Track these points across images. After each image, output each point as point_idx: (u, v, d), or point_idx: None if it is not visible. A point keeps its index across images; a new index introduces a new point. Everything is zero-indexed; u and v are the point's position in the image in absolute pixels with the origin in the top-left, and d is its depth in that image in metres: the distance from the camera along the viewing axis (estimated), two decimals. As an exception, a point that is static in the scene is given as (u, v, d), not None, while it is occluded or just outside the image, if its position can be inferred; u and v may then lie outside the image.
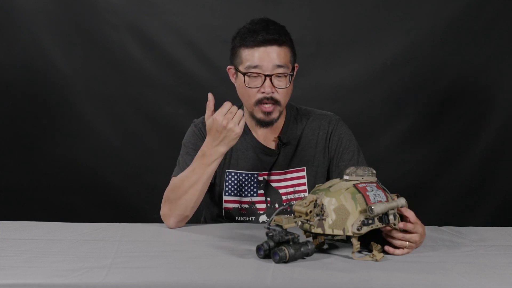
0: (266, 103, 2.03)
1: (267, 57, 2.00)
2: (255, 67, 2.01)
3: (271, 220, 1.63)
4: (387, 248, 1.67)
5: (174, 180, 2.02)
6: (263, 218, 2.14)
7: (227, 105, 1.92)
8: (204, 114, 2.20)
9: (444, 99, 3.11)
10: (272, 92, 2.02)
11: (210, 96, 1.94)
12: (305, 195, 2.11)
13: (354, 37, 3.09)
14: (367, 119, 3.12)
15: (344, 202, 1.62)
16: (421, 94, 3.12)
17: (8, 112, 3.19)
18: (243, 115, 1.92)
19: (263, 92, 2.01)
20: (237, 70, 2.06)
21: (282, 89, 2.02)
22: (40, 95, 3.17)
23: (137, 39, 3.12)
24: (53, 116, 3.19)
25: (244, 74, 2.02)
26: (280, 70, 2.01)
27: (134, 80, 3.16)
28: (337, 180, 1.72)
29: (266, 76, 2.01)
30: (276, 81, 2.02)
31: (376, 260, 1.62)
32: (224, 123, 1.89)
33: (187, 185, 1.96)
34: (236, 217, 2.15)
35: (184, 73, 3.14)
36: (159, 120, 3.18)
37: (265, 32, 2.01)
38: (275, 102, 2.03)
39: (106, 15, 3.11)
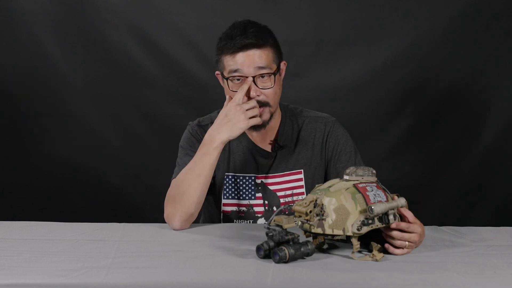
0: None
1: (247, 61, 1.98)
2: (236, 71, 1.99)
3: (271, 220, 1.63)
4: (387, 248, 1.67)
5: (176, 178, 2.01)
6: (261, 221, 2.14)
7: (251, 102, 1.96)
8: (202, 115, 2.21)
9: (444, 99, 3.11)
10: (258, 95, 1.99)
11: (245, 85, 1.97)
12: (303, 198, 2.11)
13: (354, 37, 3.09)
14: (367, 119, 3.12)
15: (344, 202, 1.62)
16: (421, 94, 3.12)
17: (8, 112, 3.19)
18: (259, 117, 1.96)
19: (248, 97, 1.99)
20: (222, 76, 2.06)
21: (268, 90, 2.00)
22: (40, 95, 3.17)
23: (137, 39, 3.12)
24: (53, 116, 3.19)
25: (227, 79, 2.02)
26: (262, 71, 1.99)
27: (134, 80, 3.16)
28: (337, 180, 1.71)
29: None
30: (260, 83, 2.00)
31: (376, 260, 1.62)
32: (237, 108, 1.93)
33: (190, 178, 1.95)
34: (235, 220, 2.15)
35: (184, 73, 3.14)
36: (159, 120, 3.18)
37: (243, 36, 1.98)
38: (263, 104, 2.01)
39: (106, 15, 3.11)
